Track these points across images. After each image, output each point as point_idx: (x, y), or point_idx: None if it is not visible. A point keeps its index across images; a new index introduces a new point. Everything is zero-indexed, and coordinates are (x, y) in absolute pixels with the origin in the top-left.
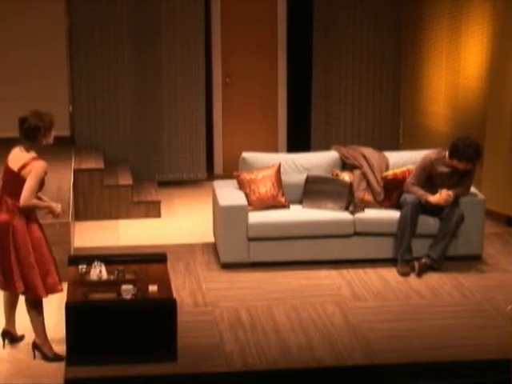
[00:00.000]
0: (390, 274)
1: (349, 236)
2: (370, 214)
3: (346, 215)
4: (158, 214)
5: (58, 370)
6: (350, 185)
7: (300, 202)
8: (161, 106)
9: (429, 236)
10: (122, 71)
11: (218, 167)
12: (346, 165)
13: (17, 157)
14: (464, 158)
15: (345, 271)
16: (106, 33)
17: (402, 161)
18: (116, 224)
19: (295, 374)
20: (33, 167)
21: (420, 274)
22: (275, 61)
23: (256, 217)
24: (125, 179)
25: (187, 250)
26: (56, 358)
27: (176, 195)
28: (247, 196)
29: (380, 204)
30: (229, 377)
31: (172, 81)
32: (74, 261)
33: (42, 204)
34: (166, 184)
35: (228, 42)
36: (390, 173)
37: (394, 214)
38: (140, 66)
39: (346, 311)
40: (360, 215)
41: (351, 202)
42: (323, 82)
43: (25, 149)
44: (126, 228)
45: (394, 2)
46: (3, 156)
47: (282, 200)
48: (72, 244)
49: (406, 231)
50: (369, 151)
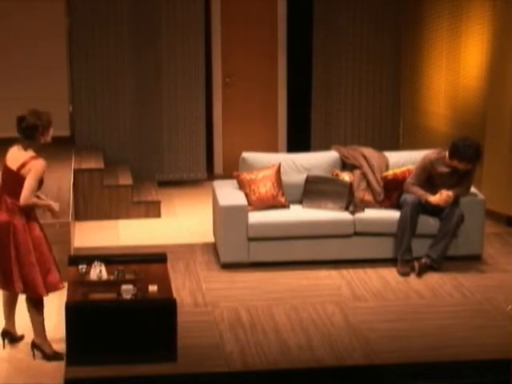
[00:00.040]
0: (390, 274)
1: (349, 236)
2: (370, 214)
3: (345, 215)
4: (158, 214)
5: (58, 369)
6: (350, 185)
7: (300, 202)
8: (161, 106)
9: (429, 236)
10: (122, 71)
11: (218, 167)
12: (346, 165)
13: (15, 156)
14: (464, 159)
15: (345, 271)
16: (106, 33)
17: (402, 161)
18: (116, 224)
19: (295, 373)
20: (32, 166)
21: (420, 274)
22: (275, 61)
23: (256, 217)
24: (125, 179)
25: (187, 250)
26: (56, 355)
27: (176, 195)
28: (247, 196)
29: (380, 204)
30: (229, 377)
31: (172, 81)
32: (74, 261)
33: (41, 203)
34: (165, 184)
35: (228, 42)
36: (390, 173)
37: (394, 214)
38: (140, 66)
39: (346, 311)
40: (360, 215)
41: (351, 202)
42: (323, 82)
43: (23, 147)
44: (126, 228)
45: (393, 2)
46: (3, 156)
47: (282, 200)
48: (72, 244)
49: (406, 231)
50: (369, 151)
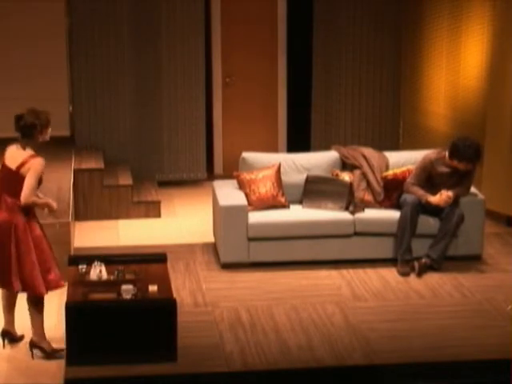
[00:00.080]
0: (390, 274)
1: (349, 236)
2: (370, 214)
3: (345, 215)
4: (158, 214)
5: (57, 369)
6: (350, 185)
7: (300, 202)
8: (161, 106)
9: (429, 236)
10: (122, 71)
11: (218, 167)
12: (346, 165)
13: (14, 155)
14: (464, 159)
15: (345, 271)
16: (106, 33)
17: (402, 161)
18: (116, 224)
19: (295, 373)
20: (32, 165)
21: (420, 274)
22: (275, 61)
23: (256, 217)
24: (125, 179)
25: (187, 250)
26: (55, 352)
27: (176, 195)
28: (247, 196)
29: (380, 204)
30: (229, 377)
31: (172, 81)
32: (74, 261)
33: (40, 201)
34: (166, 184)
35: (228, 42)
36: (390, 173)
37: (394, 214)
38: (140, 66)
39: (346, 311)
40: (360, 215)
41: (351, 202)
42: (323, 82)
43: (21, 146)
44: (126, 228)
45: (393, 2)
46: (1, 155)
47: (282, 200)
48: (72, 244)
49: (406, 231)
50: (369, 151)
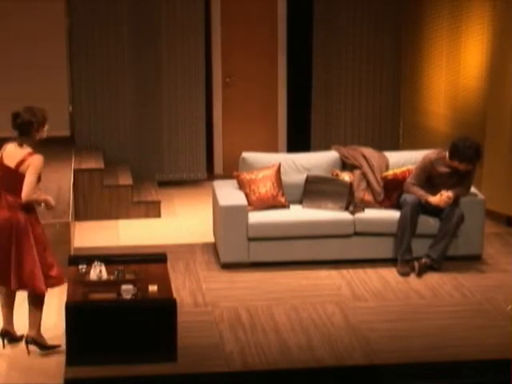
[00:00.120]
0: (390, 274)
1: (349, 236)
2: (370, 214)
3: (346, 215)
4: (158, 214)
5: (57, 369)
6: (350, 185)
7: (300, 202)
8: (161, 106)
9: (429, 236)
10: (122, 71)
11: (218, 167)
12: (346, 165)
13: (12, 153)
14: (464, 159)
15: (345, 271)
16: (106, 33)
17: (402, 161)
18: (116, 224)
19: (295, 373)
20: (31, 162)
21: (420, 274)
22: (275, 61)
23: (256, 217)
24: (125, 179)
25: (187, 250)
26: (51, 347)
27: (176, 195)
28: (247, 196)
29: (380, 204)
30: (229, 377)
31: (172, 81)
32: (74, 261)
33: (40, 198)
34: (166, 184)
35: (228, 42)
36: (390, 173)
37: (394, 214)
38: (140, 66)
39: (346, 311)
40: (360, 215)
41: (351, 202)
42: (323, 82)
43: (18, 144)
44: (126, 228)
45: (393, 2)
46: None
47: (282, 200)
48: (72, 244)
49: (406, 231)
50: (369, 151)
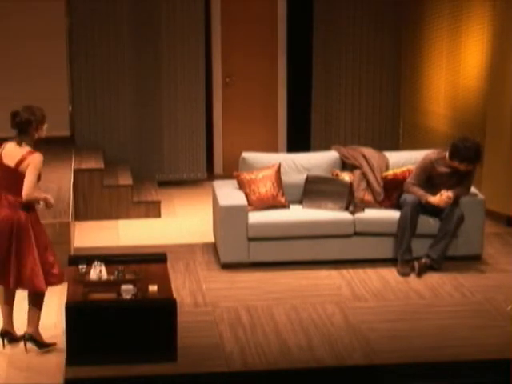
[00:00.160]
0: (390, 274)
1: (349, 236)
2: (370, 214)
3: (346, 215)
4: (158, 214)
5: (57, 369)
6: (350, 185)
7: (300, 202)
8: (161, 106)
9: (429, 236)
10: (122, 71)
11: (218, 167)
12: (346, 165)
13: (11, 153)
14: (465, 160)
15: (345, 271)
16: (106, 33)
17: (402, 161)
18: (116, 224)
19: (295, 373)
20: (31, 161)
21: (420, 274)
22: (275, 61)
23: (256, 217)
24: (125, 179)
25: (187, 250)
26: (48, 345)
27: (176, 195)
28: (247, 196)
29: (380, 204)
30: (229, 377)
31: (172, 81)
32: (74, 261)
33: (40, 196)
34: (166, 184)
35: (228, 42)
36: (390, 173)
37: (394, 214)
38: (140, 66)
39: (346, 311)
40: (360, 215)
41: (351, 202)
42: (323, 82)
43: (17, 143)
44: (126, 228)
45: (393, 2)
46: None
47: (282, 200)
48: (72, 244)
49: (406, 231)
50: (369, 151)
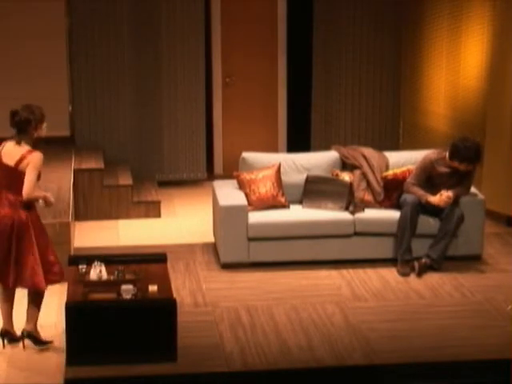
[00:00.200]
0: (390, 274)
1: (349, 236)
2: (370, 214)
3: (346, 215)
4: (158, 214)
5: (57, 369)
6: (350, 185)
7: (300, 202)
8: (161, 106)
9: (429, 236)
10: (122, 71)
11: (218, 167)
12: (346, 165)
13: (11, 152)
14: (465, 160)
15: (345, 271)
16: (106, 33)
17: (402, 161)
18: (116, 224)
19: (295, 373)
20: (30, 160)
21: (420, 274)
22: (275, 61)
23: (256, 217)
24: (125, 179)
25: (187, 250)
26: (45, 343)
27: (176, 195)
28: (247, 196)
29: (380, 204)
30: (229, 377)
31: (172, 81)
32: (74, 261)
33: (40, 195)
34: (166, 184)
35: (228, 42)
36: (390, 173)
37: (394, 214)
38: (140, 65)
39: (346, 311)
40: (360, 215)
41: (351, 202)
42: (323, 82)
43: (16, 142)
44: (126, 228)
45: (393, 2)
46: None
47: (282, 200)
48: (72, 244)
49: (406, 231)
50: (369, 151)
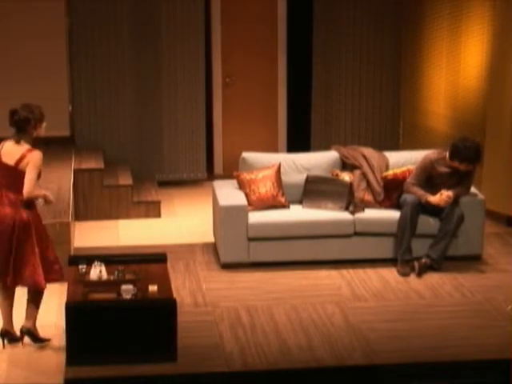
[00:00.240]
0: (390, 274)
1: (349, 236)
2: (370, 214)
3: (346, 215)
4: (158, 214)
5: (57, 369)
6: (350, 185)
7: (300, 202)
8: (161, 106)
9: (429, 236)
10: (122, 71)
11: (218, 167)
12: (346, 165)
13: (11, 151)
14: (465, 160)
15: (345, 271)
16: (106, 33)
17: (402, 161)
18: (116, 224)
19: (295, 373)
20: (30, 158)
21: (420, 274)
22: (275, 61)
23: (256, 217)
24: (125, 179)
25: (187, 250)
26: (43, 340)
27: (176, 195)
28: (247, 196)
29: (380, 204)
30: (229, 377)
31: (172, 81)
32: (74, 261)
33: (40, 193)
34: (166, 184)
35: (228, 42)
36: (390, 173)
37: (394, 214)
38: (140, 65)
39: (346, 311)
40: (360, 215)
41: (351, 202)
42: (323, 82)
43: (15, 141)
44: (126, 228)
45: (393, 2)
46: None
47: (282, 200)
48: (72, 244)
49: (406, 231)
50: (369, 151)
